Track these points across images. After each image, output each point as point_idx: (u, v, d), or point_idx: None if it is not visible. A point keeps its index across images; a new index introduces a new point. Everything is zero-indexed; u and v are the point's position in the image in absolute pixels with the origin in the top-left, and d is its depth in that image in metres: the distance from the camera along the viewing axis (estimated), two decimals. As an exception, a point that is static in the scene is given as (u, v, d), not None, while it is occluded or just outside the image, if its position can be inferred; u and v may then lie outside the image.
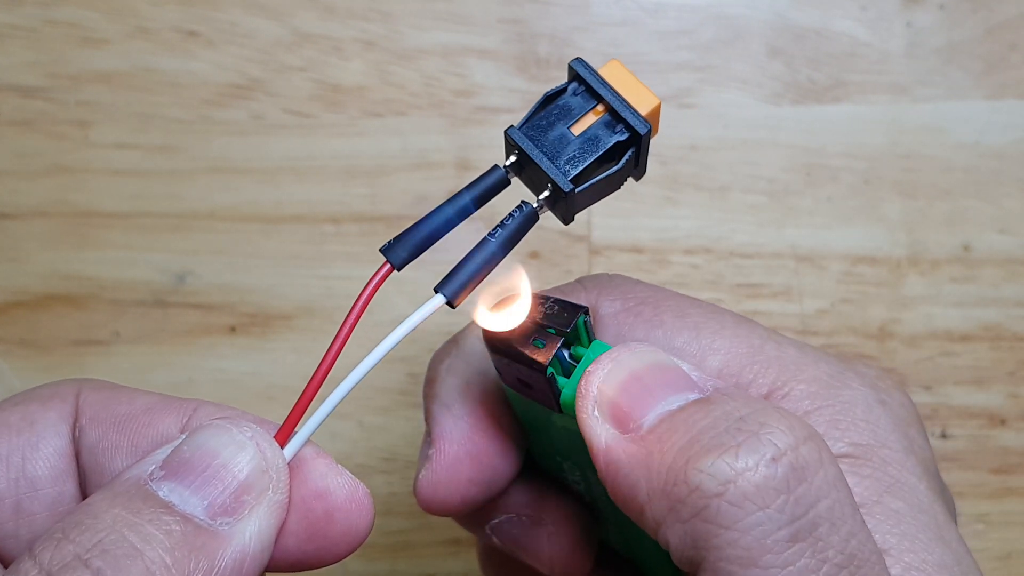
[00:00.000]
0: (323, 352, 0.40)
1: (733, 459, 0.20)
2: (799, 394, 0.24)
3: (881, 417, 0.24)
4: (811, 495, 0.20)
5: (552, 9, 0.42)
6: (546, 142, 0.23)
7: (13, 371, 0.41)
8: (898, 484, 0.23)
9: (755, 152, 0.41)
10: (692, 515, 0.20)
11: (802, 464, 0.20)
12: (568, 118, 0.24)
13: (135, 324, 0.41)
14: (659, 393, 0.22)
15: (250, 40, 0.42)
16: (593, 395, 0.22)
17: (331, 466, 0.23)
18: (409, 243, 0.23)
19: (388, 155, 0.41)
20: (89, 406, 0.24)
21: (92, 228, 0.41)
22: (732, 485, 0.19)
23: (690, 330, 0.25)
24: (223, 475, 0.21)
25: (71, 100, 0.42)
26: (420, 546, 0.40)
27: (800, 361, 0.25)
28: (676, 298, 0.26)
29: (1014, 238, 0.41)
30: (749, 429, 0.20)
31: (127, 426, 0.23)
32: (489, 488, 0.26)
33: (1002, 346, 0.41)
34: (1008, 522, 0.40)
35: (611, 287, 0.27)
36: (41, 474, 0.23)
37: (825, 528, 0.20)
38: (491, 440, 0.26)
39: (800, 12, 0.42)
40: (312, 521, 0.22)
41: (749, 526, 0.19)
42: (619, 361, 0.22)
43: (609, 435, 0.22)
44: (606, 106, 0.24)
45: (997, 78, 0.41)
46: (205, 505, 0.20)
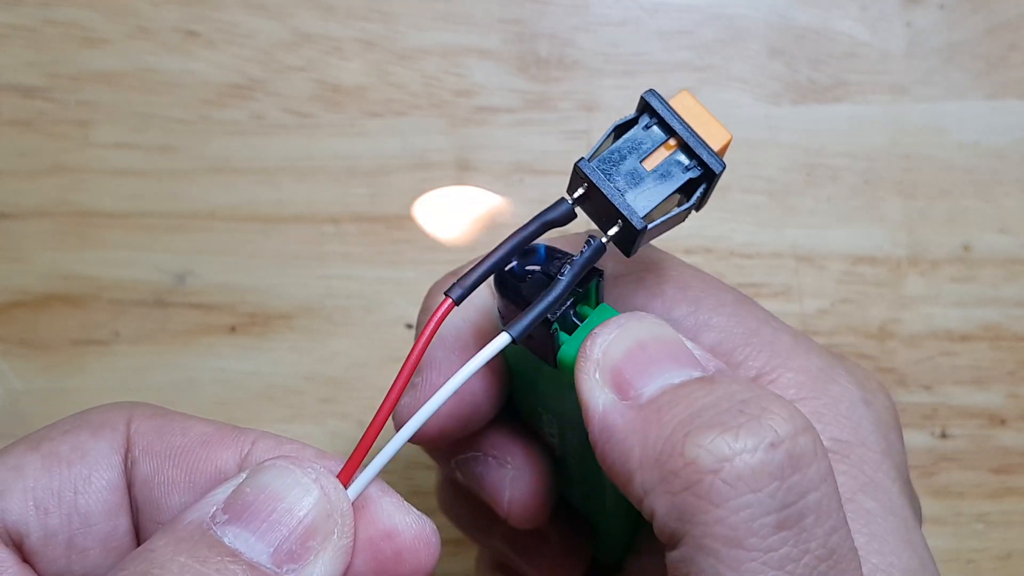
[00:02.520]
0: (322, 352, 0.41)
1: (733, 439, 0.20)
2: (787, 382, 0.24)
3: (864, 417, 0.24)
4: (803, 485, 0.20)
5: (552, 9, 0.42)
6: (618, 177, 0.23)
7: (13, 371, 0.41)
8: (872, 484, 0.23)
9: (755, 152, 0.41)
10: (683, 488, 0.20)
11: (798, 454, 0.20)
12: (639, 152, 0.23)
13: (135, 324, 0.41)
14: (663, 365, 0.22)
15: (250, 40, 0.42)
16: (596, 358, 0.22)
17: (398, 505, 0.22)
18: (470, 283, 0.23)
19: (388, 155, 0.41)
20: (141, 436, 0.23)
21: (92, 228, 0.41)
22: (728, 464, 0.20)
23: (689, 303, 0.25)
24: (288, 520, 0.20)
25: (71, 100, 0.42)
26: (420, 546, 0.40)
27: (793, 349, 0.25)
28: (680, 268, 0.26)
29: (1014, 238, 0.41)
30: (751, 412, 0.20)
31: (183, 459, 0.22)
32: (467, 425, 0.26)
33: (1002, 346, 0.41)
34: (1008, 522, 0.40)
35: None
36: (94, 509, 0.22)
37: (811, 519, 0.20)
38: (477, 379, 0.26)
39: (800, 12, 0.42)
40: (381, 562, 0.22)
41: (739, 507, 0.19)
42: (626, 328, 0.22)
43: (607, 399, 0.22)
44: (679, 141, 0.23)
45: (997, 78, 0.41)
46: (271, 552, 0.20)
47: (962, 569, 0.40)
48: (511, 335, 0.22)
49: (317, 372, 0.41)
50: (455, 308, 0.23)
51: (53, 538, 0.22)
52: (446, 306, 0.22)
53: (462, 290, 0.23)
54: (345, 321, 0.41)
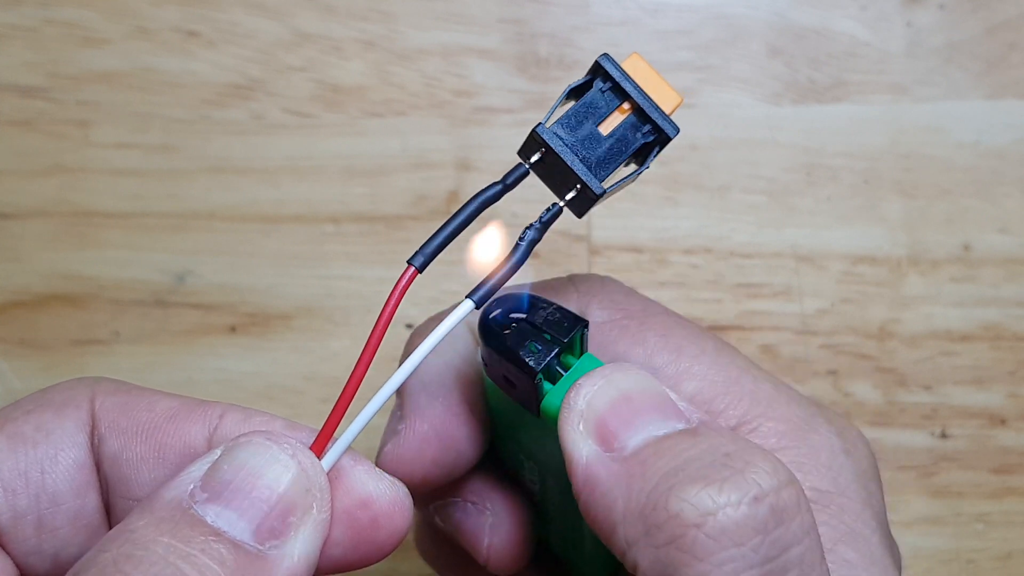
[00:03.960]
0: (322, 352, 0.41)
1: (717, 492, 0.20)
2: (767, 431, 0.24)
3: (844, 466, 0.24)
4: (786, 539, 0.20)
5: (552, 9, 0.42)
6: (576, 142, 0.23)
7: (13, 371, 0.41)
8: (853, 534, 0.23)
9: (755, 152, 0.41)
10: (667, 542, 0.20)
11: (782, 507, 0.20)
12: (595, 116, 0.23)
13: (135, 324, 0.41)
14: (647, 417, 0.22)
15: (250, 40, 0.42)
16: (580, 409, 0.22)
17: (371, 473, 0.23)
18: (432, 248, 0.23)
19: (388, 155, 0.41)
20: (106, 412, 0.23)
21: (92, 228, 0.41)
22: (712, 518, 0.19)
23: (671, 351, 0.25)
24: (268, 496, 0.20)
25: (71, 100, 0.42)
26: (420, 546, 0.40)
27: (774, 399, 0.25)
28: (663, 316, 0.26)
29: (1014, 238, 0.41)
30: (735, 466, 0.20)
31: (151, 435, 0.22)
32: (450, 472, 0.26)
33: (1002, 346, 0.41)
34: (1008, 522, 0.40)
35: (602, 294, 0.27)
36: (62, 488, 0.22)
37: (794, 573, 0.20)
38: (461, 425, 0.26)
39: (800, 12, 0.42)
40: (358, 530, 0.22)
41: (722, 561, 0.19)
42: (611, 380, 0.22)
43: (591, 451, 0.22)
44: (633, 105, 0.23)
45: (997, 78, 0.41)
46: (253, 529, 0.20)
47: (962, 569, 0.40)
48: (473, 300, 0.22)
49: (317, 372, 0.41)
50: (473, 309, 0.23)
51: (22, 519, 0.22)
52: (409, 274, 0.22)
53: (424, 257, 0.23)
54: (345, 321, 0.41)
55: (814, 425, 0.25)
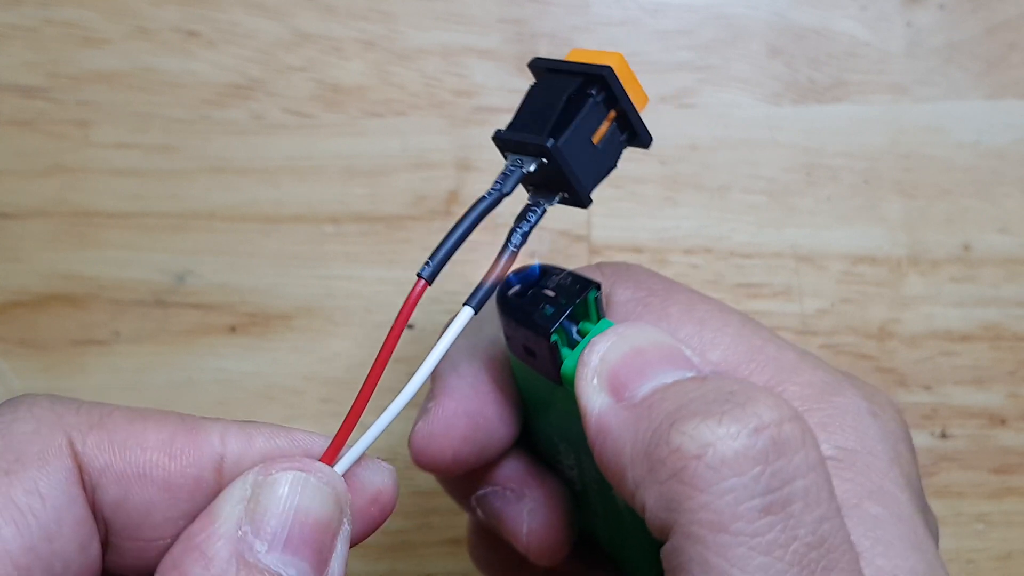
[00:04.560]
0: (322, 352, 0.41)
1: (716, 424, 0.20)
2: (791, 395, 0.24)
3: (871, 426, 0.24)
4: (788, 471, 0.20)
5: (552, 9, 0.42)
6: (580, 156, 0.23)
7: (13, 371, 0.41)
8: (879, 491, 0.23)
9: (755, 152, 0.41)
10: (669, 476, 0.20)
11: (783, 440, 0.20)
12: (592, 129, 0.24)
13: (135, 324, 0.41)
14: (658, 367, 0.22)
15: (250, 40, 0.42)
16: (594, 364, 0.22)
17: (372, 466, 0.23)
18: (439, 258, 0.23)
19: (388, 155, 0.41)
20: (93, 457, 0.21)
21: (92, 228, 0.41)
22: (711, 448, 0.20)
23: (695, 324, 0.25)
24: (321, 534, 0.21)
25: (71, 100, 0.42)
26: (420, 546, 0.40)
27: (798, 365, 0.25)
28: (686, 293, 0.27)
29: (1014, 238, 0.41)
30: (736, 400, 0.20)
31: (154, 476, 0.22)
32: (482, 451, 0.27)
33: (1002, 346, 0.41)
34: (1008, 522, 0.40)
35: (627, 275, 0.27)
36: (70, 549, 0.21)
37: (799, 506, 0.20)
38: (490, 404, 0.26)
39: (800, 12, 0.42)
40: (367, 522, 0.23)
41: (723, 491, 0.19)
42: (623, 335, 0.23)
43: (603, 402, 0.22)
44: (619, 112, 0.24)
45: (997, 78, 0.41)
46: (314, 567, 0.21)
47: (962, 569, 0.40)
48: (473, 307, 0.23)
49: (317, 372, 0.41)
50: (473, 316, 0.23)
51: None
52: (420, 286, 0.23)
53: (432, 268, 0.23)
54: (345, 321, 0.41)
55: (839, 388, 0.25)
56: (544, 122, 0.23)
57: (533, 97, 0.24)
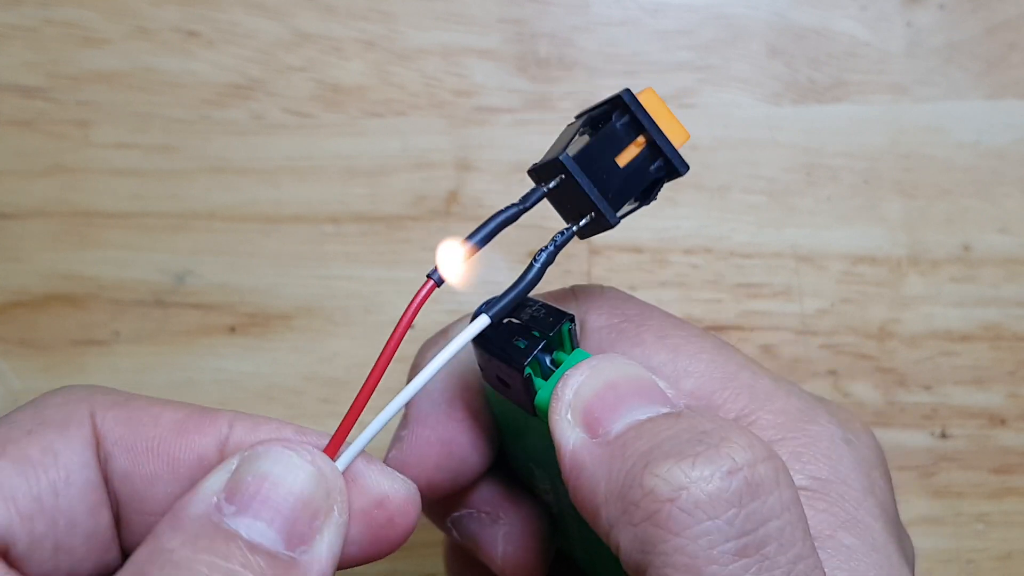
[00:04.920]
0: (322, 352, 0.41)
1: (689, 467, 0.20)
2: (765, 423, 0.24)
3: (844, 455, 0.24)
4: (762, 513, 0.20)
5: (552, 9, 0.42)
6: (596, 174, 0.24)
7: (13, 371, 0.41)
8: (853, 521, 0.23)
9: (755, 152, 0.41)
10: (643, 519, 0.20)
11: (757, 481, 0.20)
12: (614, 149, 0.24)
13: (135, 324, 0.41)
14: (631, 402, 0.22)
15: (250, 40, 0.42)
16: (568, 399, 0.22)
17: (385, 473, 0.23)
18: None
19: (388, 155, 0.41)
20: (110, 429, 0.23)
21: (92, 228, 0.41)
22: (685, 492, 0.19)
23: (669, 351, 0.25)
24: (294, 504, 0.21)
25: (71, 100, 0.42)
26: (420, 546, 0.40)
27: (772, 392, 0.25)
28: (661, 318, 0.26)
29: (1014, 238, 0.41)
30: (709, 442, 0.20)
31: (161, 450, 0.22)
32: (455, 478, 0.27)
33: (1002, 346, 0.41)
34: (1008, 522, 0.40)
35: (601, 301, 0.27)
36: (77, 510, 0.22)
37: (773, 547, 0.20)
38: (464, 431, 0.26)
39: (800, 12, 0.42)
40: (375, 528, 0.23)
41: (697, 534, 0.19)
42: (597, 368, 0.23)
43: (577, 438, 0.22)
44: (647, 139, 0.24)
45: (997, 78, 0.41)
46: (284, 538, 0.20)
47: (962, 569, 0.40)
48: (489, 316, 0.23)
49: (317, 372, 0.41)
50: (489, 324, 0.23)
51: (39, 543, 0.22)
52: (428, 287, 0.23)
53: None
54: (345, 321, 0.41)
55: (813, 416, 0.25)
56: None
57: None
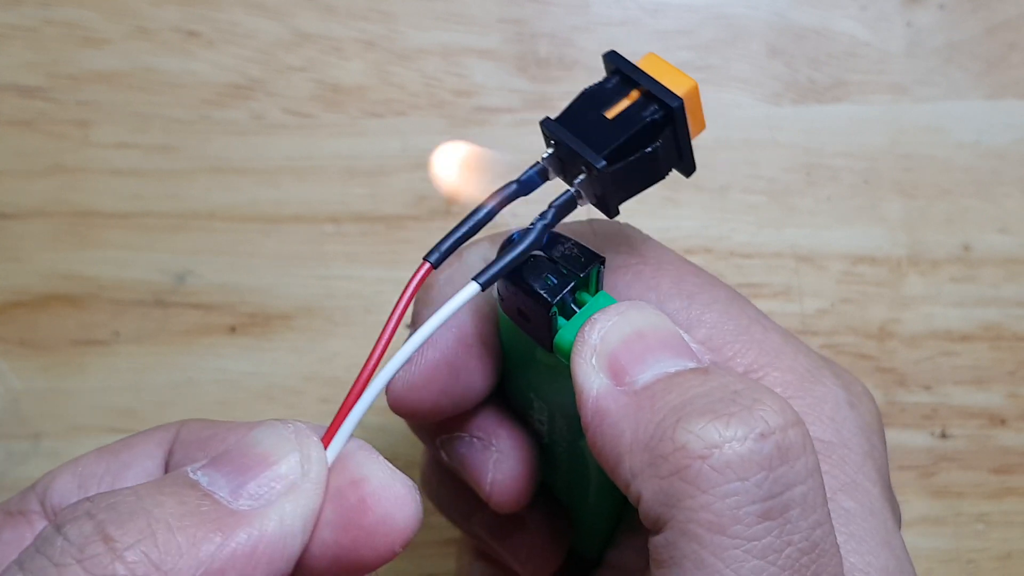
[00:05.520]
0: (322, 352, 0.41)
1: (724, 426, 0.20)
2: (773, 381, 0.25)
3: (848, 418, 0.25)
4: (789, 477, 0.20)
5: (552, 9, 0.42)
6: (579, 127, 0.23)
7: (13, 371, 0.41)
8: (853, 484, 0.23)
9: (755, 152, 0.41)
10: (672, 472, 0.20)
11: (787, 446, 0.20)
12: (603, 105, 0.23)
13: (135, 324, 0.41)
14: (659, 354, 0.22)
15: (250, 40, 0.42)
16: (594, 343, 0.22)
17: (370, 456, 0.22)
18: (447, 246, 0.23)
19: (388, 155, 0.41)
20: (186, 438, 0.24)
21: (92, 228, 0.41)
22: (718, 451, 0.20)
23: (683, 298, 0.26)
24: (257, 463, 0.21)
25: (71, 100, 0.42)
26: (420, 546, 0.40)
27: (782, 349, 0.25)
28: (677, 263, 0.27)
29: (1014, 238, 0.41)
30: (743, 403, 0.20)
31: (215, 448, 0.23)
32: (458, 403, 0.27)
33: (1002, 346, 0.41)
34: (1008, 522, 0.40)
35: (619, 238, 0.27)
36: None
37: (796, 512, 0.20)
38: (472, 357, 0.26)
39: (800, 12, 0.42)
40: (346, 509, 0.21)
41: (725, 493, 0.20)
42: (625, 316, 0.23)
43: (602, 384, 0.22)
44: (641, 90, 0.23)
45: (997, 78, 0.41)
46: (232, 487, 0.20)
47: (962, 569, 0.40)
48: (480, 283, 0.22)
49: (317, 372, 0.41)
50: (479, 292, 0.23)
51: None
52: (424, 269, 0.23)
53: (439, 254, 0.23)
54: (345, 321, 0.41)
55: (820, 377, 0.25)
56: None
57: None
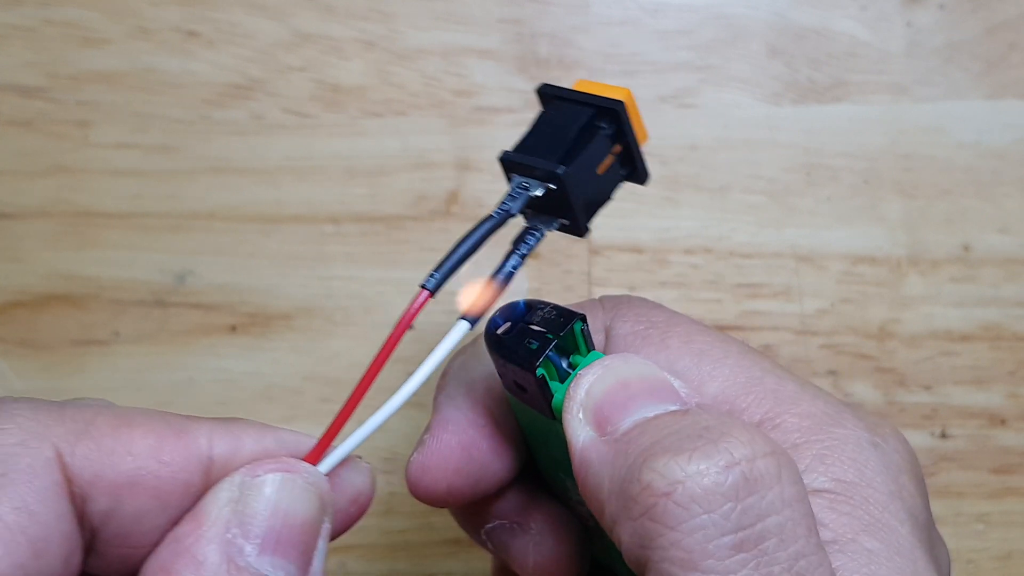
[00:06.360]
0: (322, 352, 0.41)
1: (686, 462, 0.20)
2: (790, 426, 0.24)
3: (871, 458, 0.24)
4: (761, 508, 0.20)
5: (552, 9, 0.42)
6: (584, 185, 0.24)
7: (13, 371, 0.41)
8: (877, 524, 0.23)
9: (755, 152, 0.41)
10: (641, 513, 0.20)
11: (756, 476, 0.20)
12: (598, 160, 0.24)
13: (135, 324, 0.41)
14: (642, 400, 0.22)
15: (250, 40, 0.42)
16: (580, 398, 0.22)
17: (357, 469, 0.24)
18: (444, 271, 0.23)
19: (388, 155, 0.41)
20: (82, 468, 0.21)
21: (92, 228, 0.41)
22: (680, 486, 0.19)
23: (693, 356, 0.25)
24: (309, 537, 0.21)
25: (71, 100, 0.42)
26: (420, 546, 0.40)
27: (798, 396, 0.25)
28: (686, 324, 0.26)
29: (1014, 238, 0.41)
30: (709, 436, 0.20)
31: (143, 486, 0.21)
32: (476, 484, 0.27)
33: (1002, 346, 0.41)
34: (1008, 522, 0.40)
35: (627, 309, 0.27)
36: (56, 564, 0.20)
37: (773, 543, 0.19)
38: (486, 437, 0.26)
39: (800, 12, 0.42)
40: (346, 520, 0.24)
41: (693, 528, 0.19)
42: (610, 367, 0.23)
43: (587, 436, 0.22)
44: (623, 147, 0.24)
45: (997, 78, 0.41)
46: (298, 568, 0.21)
47: (962, 569, 0.40)
48: (468, 320, 0.23)
49: (317, 372, 0.41)
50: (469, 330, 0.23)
51: None
52: (423, 297, 0.23)
53: (436, 280, 0.23)
54: (345, 321, 0.41)
55: (840, 419, 0.25)
56: (555, 149, 0.23)
57: (542, 123, 0.24)
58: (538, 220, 0.24)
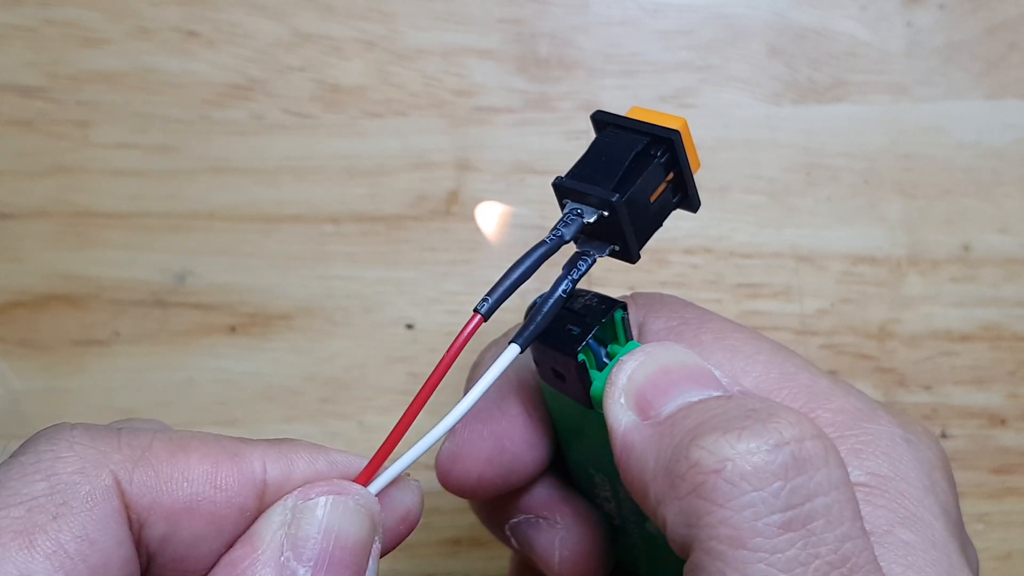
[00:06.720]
0: (322, 352, 0.41)
1: (735, 439, 0.20)
2: (824, 421, 0.24)
3: (904, 454, 0.24)
4: (809, 488, 0.20)
5: (552, 9, 0.42)
6: (638, 214, 0.24)
7: (13, 371, 0.41)
8: (912, 518, 0.23)
9: (755, 152, 0.41)
10: (689, 491, 0.20)
11: (804, 457, 0.20)
12: (652, 189, 0.24)
13: (135, 324, 0.41)
14: (684, 386, 0.22)
15: (250, 40, 0.42)
16: (622, 383, 0.22)
17: (407, 488, 0.24)
18: (497, 297, 0.23)
19: (388, 155, 0.41)
20: (140, 496, 0.21)
21: (92, 228, 0.41)
22: (730, 463, 0.19)
23: (727, 351, 0.25)
24: (357, 555, 0.22)
25: (71, 100, 0.42)
26: (420, 546, 0.40)
27: (831, 392, 0.25)
28: (719, 321, 0.27)
29: (1014, 238, 0.41)
30: (757, 417, 0.20)
31: (201, 509, 0.21)
32: (507, 475, 0.27)
33: (1002, 346, 0.41)
34: (1008, 522, 0.40)
35: (661, 305, 0.27)
36: None
37: (820, 524, 0.19)
38: (518, 428, 0.26)
39: (800, 12, 0.42)
40: (396, 538, 0.24)
41: (742, 505, 0.19)
42: (651, 355, 0.23)
43: (629, 420, 0.22)
44: (676, 175, 0.24)
45: (997, 78, 0.41)
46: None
47: (962, 569, 0.40)
48: (519, 344, 0.23)
49: (317, 372, 0.41)
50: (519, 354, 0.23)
51: None
52: (475, 321, 0.23)
53: (490, 305, 0.23)
54: (345, 321, 0.41)
55: (873, 416, 0.25)
56: (610, 176, 0.23)
57: (597, 150, 0.24)
58: (590, 245, 0.24)
